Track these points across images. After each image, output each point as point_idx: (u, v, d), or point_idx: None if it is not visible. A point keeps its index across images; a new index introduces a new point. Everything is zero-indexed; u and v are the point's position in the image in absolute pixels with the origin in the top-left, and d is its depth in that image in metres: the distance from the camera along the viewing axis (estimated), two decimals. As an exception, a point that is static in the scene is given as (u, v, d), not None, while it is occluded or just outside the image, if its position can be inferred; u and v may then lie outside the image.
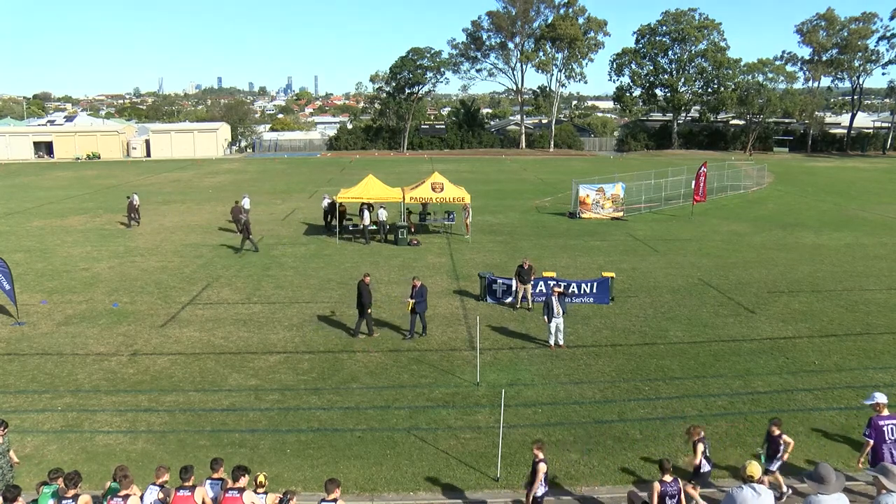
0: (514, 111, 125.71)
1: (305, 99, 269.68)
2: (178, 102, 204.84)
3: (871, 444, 10.24)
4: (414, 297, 17.32)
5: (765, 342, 17.41)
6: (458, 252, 28.06)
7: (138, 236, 31.14)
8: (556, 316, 16.70)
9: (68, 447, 12.30)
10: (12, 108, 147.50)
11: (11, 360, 16.38)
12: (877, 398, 10.59)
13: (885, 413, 10.43)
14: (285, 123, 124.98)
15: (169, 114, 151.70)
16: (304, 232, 32.73)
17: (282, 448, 12.27)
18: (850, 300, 21.01)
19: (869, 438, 10.27)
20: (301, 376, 15.42)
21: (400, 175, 52.02)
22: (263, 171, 63.83)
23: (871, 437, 10.25)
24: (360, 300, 17.54)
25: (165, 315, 19.77)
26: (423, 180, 31.66)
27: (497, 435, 11.73)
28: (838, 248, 28.74)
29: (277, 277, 23.98)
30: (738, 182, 48.62)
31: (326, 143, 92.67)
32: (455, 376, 15.37)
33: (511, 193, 46.37)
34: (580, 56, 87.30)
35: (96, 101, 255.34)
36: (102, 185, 52.51)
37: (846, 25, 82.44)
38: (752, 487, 7.69)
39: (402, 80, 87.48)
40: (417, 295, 17.33)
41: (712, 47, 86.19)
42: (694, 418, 13.25)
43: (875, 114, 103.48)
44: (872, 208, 39.74)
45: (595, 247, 29.13)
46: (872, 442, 10.24)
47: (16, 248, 28.55)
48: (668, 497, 8.93)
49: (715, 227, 33.92)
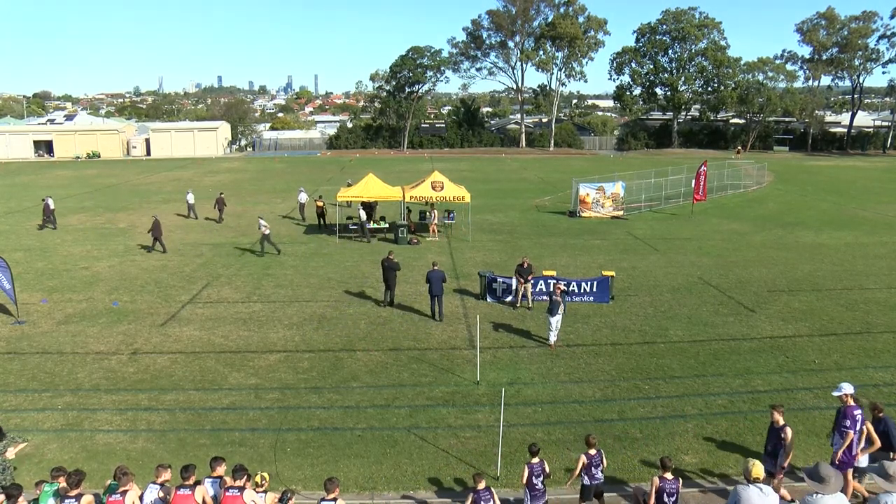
0: (514, 110, 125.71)
1: (305, 98, 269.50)
2: (178, 101, 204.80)
3: (853, 434, 10.16)
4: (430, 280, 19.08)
5: (765, 341, 17.41)
6: (459, 251, 28.06)
7: (139, 235, 31.14)
8: (558, 314, 16.73)
9: (68, 446, 12.31)
10: (12, 106, 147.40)
11: (11, 358, 16.39)
12: (844, 389, 10.45)
13: (851, 403, 10.38)
14: (285, 122, 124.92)
15: (169, 113, 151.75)
16: (304, 231, 32.74)
17: (282, 447, 12.27)
18: (850, 299, 21.01)
19: (850, 430, 10.16)
20: (301, 375, 15.42)
21: (400, 174, 52.01)
22: (263, 170, 63.82)
23: (853, 427, 10.16)
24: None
25: (165, 314, 19.78)
26: (424, 179, 31.67)
27: (497, 434, 11.73)
28: (838, 247, 28.75)
29: (277, 276, 23.98)
30: (738, 181, 48.64)
31: (326, 142, 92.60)
32: (455, 375, 15.37)
33: (511, 192, 46.37)
34: (580, 55, 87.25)
35: (96, 100, 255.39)
36: (102, 184, 52.49)
37: (846, 24, 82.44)
38: (758, 487, 7.69)
39: (403, 79, 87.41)
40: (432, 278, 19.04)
41: (712, 46, 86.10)
42: (694, 417, 13.27)
43: (875, 113, 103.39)
44: (872, 207, 39.74)
45: (595, 246, 29.13)
46: (853, 433, 10.16)
47: (16, 247, 28.56)
48: (666, 494, 8.97)
49: (715, 226, 33.92)
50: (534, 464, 9.71)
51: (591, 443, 10.00)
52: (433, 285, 19.04)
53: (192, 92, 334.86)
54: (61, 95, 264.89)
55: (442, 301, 19.30)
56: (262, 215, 30.41)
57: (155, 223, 27.55)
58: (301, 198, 36.18)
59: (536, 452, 9.82)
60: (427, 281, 19.35)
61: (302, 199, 36.04)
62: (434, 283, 19.02)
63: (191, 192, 37.69)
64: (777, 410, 10.39)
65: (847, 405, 10.35)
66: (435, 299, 19.19)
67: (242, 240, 30.51)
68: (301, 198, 36.18)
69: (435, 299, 19.19)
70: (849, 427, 10.21)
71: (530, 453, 9.83)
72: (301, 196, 36.30)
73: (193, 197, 37.08)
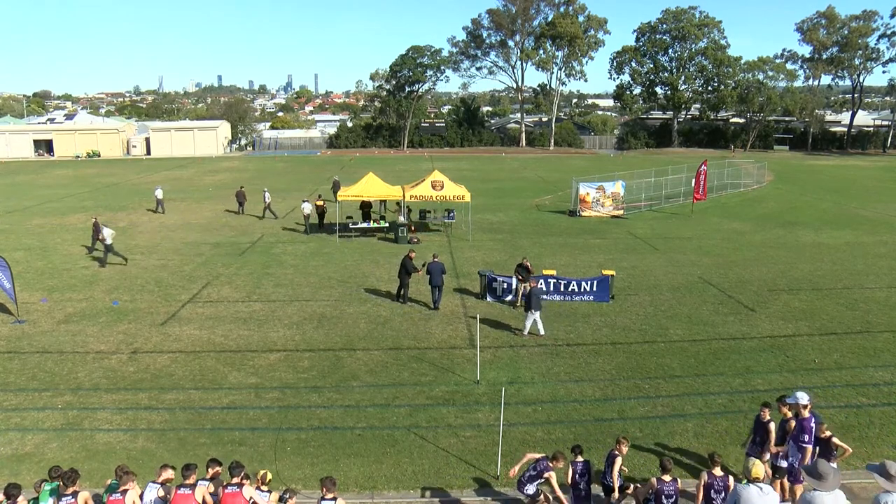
0: (514, 109, 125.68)
1: (305, 97, 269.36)
2: (178, 100, 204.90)
3: (810, 448, 9.77)
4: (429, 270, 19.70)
5: (765, 340, 17.41)
6: (459, 250, 28.06)
7: (139, 235, 31.13)
8: (539, 307, 17.41)
9: (69, 445, 12.31)
10: (12, 106, 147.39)
11: (12, 358, 16.39)
12: (801, 398, 10.02)
13: (806, 415, 9.94)
14: (285, 122, 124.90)
15: (169, 112, 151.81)
16: (304, 230, 32.73)
17: (282, 446, 12.28)
18: (850, 298, 21.01)
19: (808, 445, 9.76)
20: (301, 374, 15.42)
21: (400, 173, 51.99)
22: (263, 169, 63.80)
23: (811, 441, 9.79)
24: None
25: (165, 313, 19.78)
26: (424, 178, 31.67)
27: (497, 433, 11.74)
28: (838, 246, 28.74)
29: (277, 276, 23.98)
30: (738, 180, 48.64)
31: (326, 141, 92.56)
32: (455, 374, 15.37)
33: (511, 192, 46.36)
34: (580, 54, 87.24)
35: (96, 100, 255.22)
36: (102, 183, 52.48)
37: (847, 23, 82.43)
38: (757, 486, 7.70)
39: (403, 79, 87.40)
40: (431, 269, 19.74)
41: (712, 45, 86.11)
42: (694, 417, 13.27)
43: (875, 112, 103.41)
44: (872, 207, 39.73)
45: (595, 245, 29.12)
46: (810, 447, 9.77)
47: (16, 247, 28.55)
48: (664, 496, 8.96)
49: (715, 225, 33.92)
50: (578, 462, 9.62)
51: (666, 467, 9.14)
52: (433, 276, 19.81)
53: (192, 91, 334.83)
54: (61, 95, 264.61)
55: (441, 291, 20.14)
56: (108, 223, 29.34)
57: (95, 224, 27.48)
58: (266, 197, 36.44)
59: (581, 451, 9.77)
60: (427, 272, 19.98)
61: (267, 199, 36.33)
62: (434, 274, 19.81)
63: (159, 188, 39.29)
64: (769, 408, 10.40)
65: (802, 417, 9.91)
66: (435, 289, 19.96)
67: (243, 239, 30.53)
68: (266, 197, 36.44)
69: (435, 289, 19.96)
70: (807, 442, 9.76)
71: (573, 452, 9.79)
72: (266, 196, 36.53)
73: (162, 192, 38.72)
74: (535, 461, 9.69)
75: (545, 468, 9.49)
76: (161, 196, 38.28)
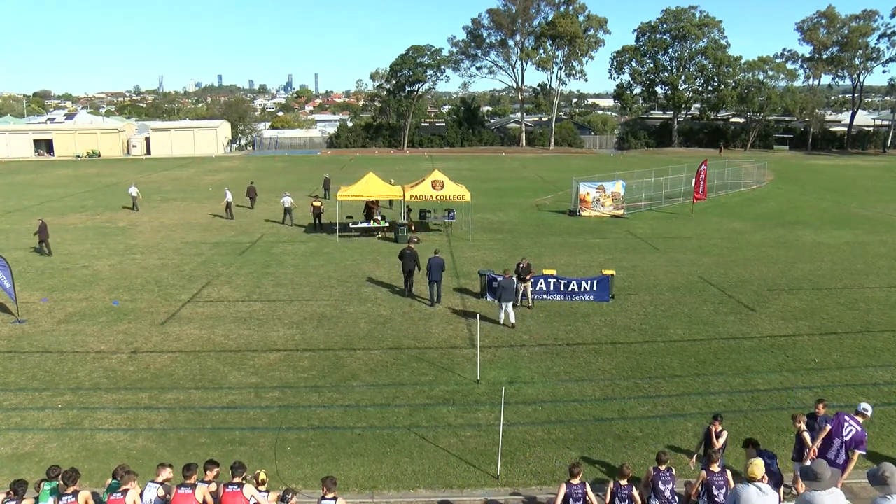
0: (514, 109, 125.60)
1: (306, 97, 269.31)
2: (179, 100, 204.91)
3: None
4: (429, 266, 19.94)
5: (765, 340, 17.42)
6: (459, 250, 28.06)
7: (139, 234, 31.14)
8: (508, 299, 18.09)
9: (69, 445, 12.31)
10: (12, 105, 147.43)
11: (12, 357, 16.39)
12: (864, 409, 10.52)
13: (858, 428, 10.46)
14: (285, 121, 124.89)
15: (169, 111, 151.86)
16: (304, 230, 32.75)
17: (282, 446, 12.28)
18: (850, 298, 21.01)
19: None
20: (301, 374, 15.43)
21: (400, 173, 51.97)
22: (263, 168, 63.78)
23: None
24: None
25: (165, 313, 19.78)
26: (424, 178, 31.67)
27: (497, 433, 11.74)
28: (838, 245, 28.74)
29: (277, 275, 23.98)
30: (738, 180, 48.63)
31: (326, 140, 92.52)
32: (455, 374, 15.37)
33: (511, 191, 46.36)
34: (580, 54, 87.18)
35: (96, 99, 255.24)
36: (102, 182, 52.49)
37: (847, 23, 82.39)
38: (756, 486, 7.71)
39: (403, 78, 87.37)
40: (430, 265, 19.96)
41: (713, 45, 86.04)
42: (694, 416, 13.27)
43: (875, 112, 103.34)
44: (873, 206, 39.72)
45: (595, 245, 29.12)
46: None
47: (16, 246, 28.56)
48: (661, 482, 9.13)
49: (715, 224, 33.92)
50: (661, 470, 9.28)
51: (661, 460, 9.37)
52: (432, 271, 20.06)
53: (192, 91, 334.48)
54: (61, 94, 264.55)
55: (441, 286, 20.40)
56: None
57: (41, 226, 27.41)
58: (227, 196, 36.51)
59: (665, 461, 9.38)
60: (427, 268, 20.19)
61: (228, 198, 36.38)
62: (434, 269, 20.01)
63: (133, 186, 40.06)
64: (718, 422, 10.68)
65: (855, 430, 10.33)
66: (434, 284, 20.17)
67: (243, 238, 30.54)
68: (227, 196, 36.51)
69: (434, 284, 20.17)
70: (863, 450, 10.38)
71: (658, 461, 9.39)
72: (227, 195, 36.59)
73: (136, 190, 39.42)
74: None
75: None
76: (135, 194, 38.91)
